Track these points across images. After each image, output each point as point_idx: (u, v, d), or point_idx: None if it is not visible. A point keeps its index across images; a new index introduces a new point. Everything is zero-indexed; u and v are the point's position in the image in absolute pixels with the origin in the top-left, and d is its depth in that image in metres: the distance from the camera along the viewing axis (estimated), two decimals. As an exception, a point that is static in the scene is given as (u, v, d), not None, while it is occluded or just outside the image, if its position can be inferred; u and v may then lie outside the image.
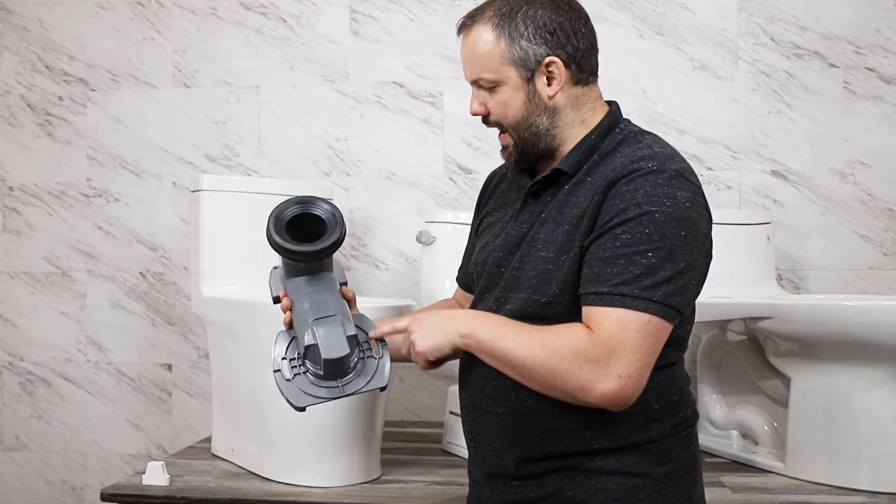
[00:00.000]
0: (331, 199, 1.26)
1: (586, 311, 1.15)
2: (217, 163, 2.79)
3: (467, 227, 2.15)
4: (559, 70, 1.25)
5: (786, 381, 2.02)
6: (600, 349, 1.11)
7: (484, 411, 1.27)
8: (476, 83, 1.29)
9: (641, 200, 1.15)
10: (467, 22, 1.28)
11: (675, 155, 1.23)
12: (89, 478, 2.82)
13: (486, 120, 1.31)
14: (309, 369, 1.21)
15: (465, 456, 1.38)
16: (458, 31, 1.30)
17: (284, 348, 1.24)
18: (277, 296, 1.30)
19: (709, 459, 2.18)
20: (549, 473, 1.22)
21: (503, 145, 1.32)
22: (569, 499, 1.21)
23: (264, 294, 2.14)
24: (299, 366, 1.22)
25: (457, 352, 1.22)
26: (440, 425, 2.41)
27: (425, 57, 2.70)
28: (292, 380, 1.21)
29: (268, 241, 1.21)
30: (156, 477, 1.91)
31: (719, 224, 2.25)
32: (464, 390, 1.32)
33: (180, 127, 2.80)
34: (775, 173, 2.57)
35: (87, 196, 2.84)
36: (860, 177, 2.53)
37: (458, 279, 1.52)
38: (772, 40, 2.58)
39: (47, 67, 2.86)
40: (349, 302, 1.31)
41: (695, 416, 1.28)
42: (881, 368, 1.84)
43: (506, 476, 1.26)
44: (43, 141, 2.87)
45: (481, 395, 1.27)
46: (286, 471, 1.93)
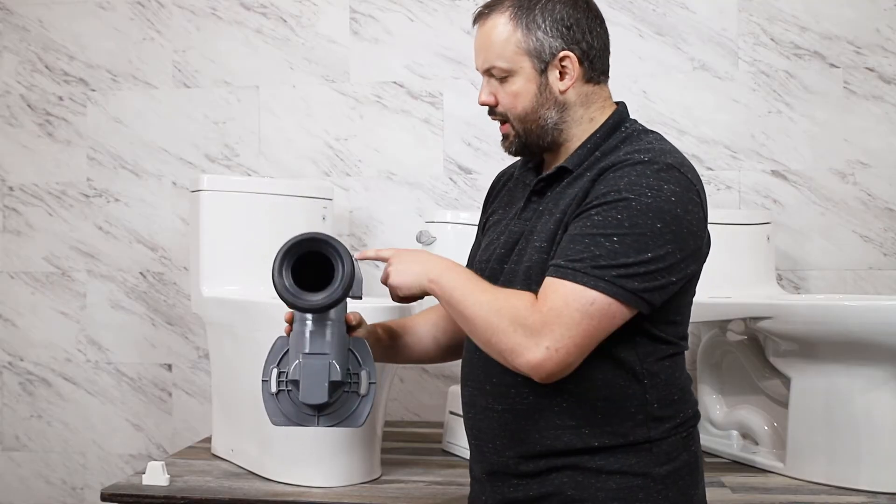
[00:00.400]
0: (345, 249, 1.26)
1: (544, 282, 1.17)
2: (217, 163, 2.79)
3: (467, 226, 2.15)
4: (573, 65, 1.26)
5: (786, 381, 2.02)
6: (536, 318, 1.12)
7: (484, 408, 1.27)
8: (488, 72, 1.29)
9: (623, 187, 1.16)
10: (484, 11, 1.29)
11: (675, 151, 1.23)
12: (89, 478, 2.82)
13: (492, 111, 1.31)
14: (292, 389, 1.24)
15: (466, 456, 1.39)
16: (474, 21, 1.30)
17: (278, 358, 1.26)
18: None
19: (709, 459, 2.17)
20: (549, 472, 1.22)
21: (504, 134, 1.32)
22: (569, 498, 1.21)
23: (264, 294, 2.15)
24: (285, 381, 1.24)
25: (426, 294, 1.25)
26: (440, 425, 2.41)
27: (425, 57, 2.70)
28: (276, 395, 1.25)
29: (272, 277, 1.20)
30: (156, 477, 1.91)
31: (719, 224, 2.27)
32: (465, 387, 1.32)
33: (180, 127, 2.80)
34: (775, 173, 2.57)
35: (87, 196, 2.84)
36: (860, 177, 2.53)
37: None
38: (772, 40, 2.58)
39: (47, 67, 2.86)
40: (355, 327, 1.31)
41: (696, 417, 1.28)
42: (881, 368, 1.84)
43: (506, 474, 1.26)
44: (43, 141, 2.87)
45: (482, 393, 1.27)
46: (286, 471, 1.93)
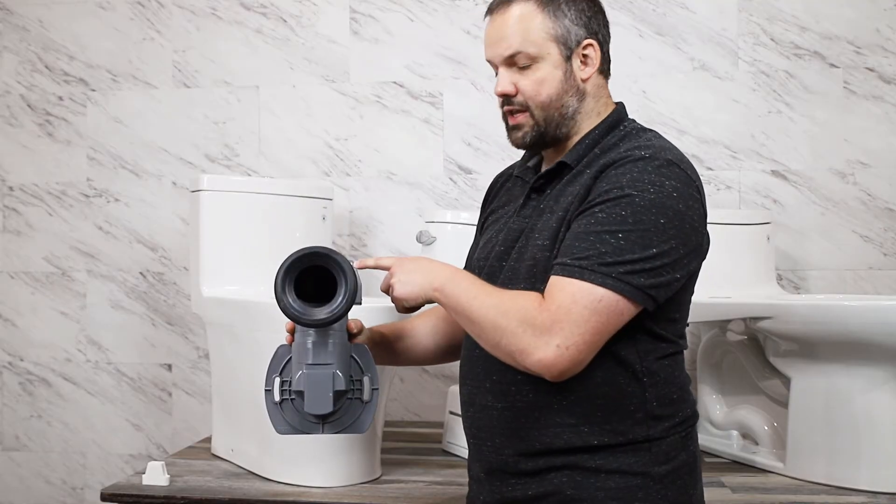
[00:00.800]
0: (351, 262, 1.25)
1: (549, 280, 1.17)
2: (217, 163, 2.79)
3: (467, 226, 2.15)
4: (595, 53, 1.28)
5: (786, 381, 2.02)
6: (546, 317, 1.12)
7: (484, 406, 1.27)
8: (511, 59, 1.27)
9: (625, 184, 1.17)
10: (504, 0, 1.28)
11: (674, 148, 1.24)
12: (89, 478, 2.82)
13: (508, 101, 1.29)
14: (296, 398, 1.25)
15: (465, 456, 1.38)
16: (491, 10, 1.29)
17: (280, 367, 1.27)
18: None
19: (709, 459, 2.18)
20: (548, 471, 1.22)
21: (516, 125, 1.30)
22: (568, 497, 1.20)
23: (264, 294, 2.15)
24: (289, 391, 1.25)
25: (430, 302, 1.25)
26: (440, 425, 2.41)
27: (425, 57, 2.70)
28: (280, 404, 1.26)
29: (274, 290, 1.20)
30: (156, 477, 1.91)
31: (719, 224, 2.27)
32: (464, 386, 1.32)
33: (180, 127, 2.80)
34: (775, 173, 2.57)
35: (87, 196, 2.84)
36: (860, 177, 2.53)
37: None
38: (772, 40, 2.58)
39: (47, 67, 2.86)
40: (356, 334, 1.32)
41: (695, 417, 1.28)
42: (881, 368, 1.84)
43: (505, 472, 1.26)
44: (43, 141, 2.87)
45: (481, 391, 1.27)
46: (286, 471, 1.93)
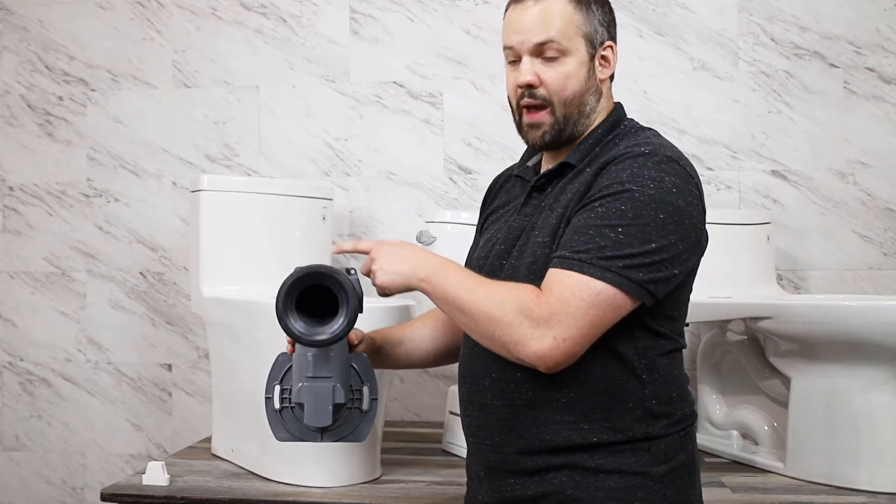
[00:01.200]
0: (352, 274, 1.25)
1: (548, 273, 1.17)
2: (217, 163, 2.78)
3: (467, 226, 2.15)
4: (613, 57, 1.30)
5: (786, 381, 2.02)
6: (543, 309, 1.12)
7: (483, 405, 1.27)
8: (540, 48, 1.26)
9: (625, 179, 1.17)
10: None
11: (673, 146, 1.25)
12: (89, 478, 2.82)
13: (531, 93, 1.27)
14: (296, 406, 1.26)
15: (465, 455, 1.38)
16: None
17: (281, 375, 1.28)
18: None
19: (709, 459, 2.17)
20: (547, 471, 1.22)
21: (535, 123, 1.28)
22: (567, 497, 1.20)
23: (264, 294, 2.15)
24: (289, 399, 1.26)
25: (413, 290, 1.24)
26: (440, 425, 2.41)
27: (425, 57, 2.70)
28: (279, 412, 1.27)
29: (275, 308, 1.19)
30: (156, 477, 1.91)
31: (719, 224, 2.28)
32: (463, 385, 1.32)
33: (180, 127, 2.80)
34: (775, 173, 2.57)
35: (87, 196, 2.84)
36: (860, 177, 2.53)
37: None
38: (772, 40, 2.58)
39: (47, 67, 2.86)
40: (356, 344, 1.32)
41: (693, 416, 1.28)
42: (881, 368, 1.84)
43: (504, 471, 1.25)
44: (43, 141, 2.87)
45: (480, 389, 1.27)
46: (286, 471, 1.93)
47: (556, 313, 1.12)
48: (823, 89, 2.55)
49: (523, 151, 1.45)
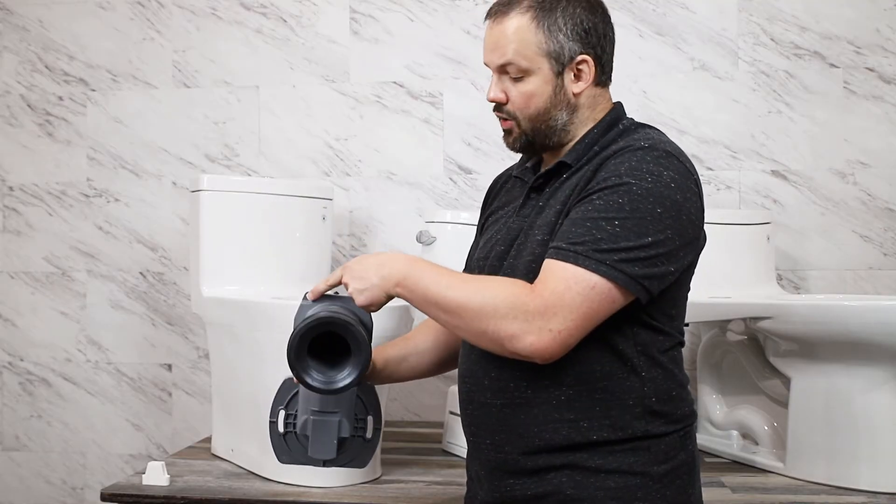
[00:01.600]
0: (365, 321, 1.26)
1: (543, 264, 1.17)
2: (217, 163, 2.79)
3: (467, 226, 2.15)
4: (589, 69, 1.28)
5: (786, 381, 2.02)
6: (539, 302, 1.12)
7: (483, 404, 1.27)
8: (503, 69, 1.28)
9: (623, 172, 1.17)
10: (503, 8, 1.27)
11: (673, 143, 1.25)
12: (89, 478, 2.82)
13: (498, 108, 1.31)
14: (300, 434, 1.27)
15: (465, 455, 1.38)
16: (490, 16, 1.29)
17: (286, 400, 1.28)
18: None
19: (709, 459, 2.18)
20: (547, 471, 1.22)
21: (506, 130, 1.32)
22: (567, 497, 1.20)
23: (264, 294, 2.15)
24: (293, 425, 1.25)
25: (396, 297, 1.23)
26: (440, 425, 2.41)
27: (425, 57, 2.70)
28: (283, 437, 1.26)
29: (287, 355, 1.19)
30: (156, 477, 1.91)
31: (719, 224, 2.28)
32: (462, 384, 1.32)
33: (180, 127, 2.80)
34: (775, 173, 2.57)
35: (87, 196, 2.84)
36: (860, 177, 2.53)
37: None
38: (772, 40, 2.58)
39: (47, 67, 2.86)
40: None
41: (693, 416, 1.28)
42: (881, 368, 1.84)
43: (504, 471, 1.25)
44: (43, 141, 2.87)
45: (480, 388, 1.27)
46: (286, 471, 1.92)
47: (551, 305, 1.12)
48: (823, 89, 2.55)
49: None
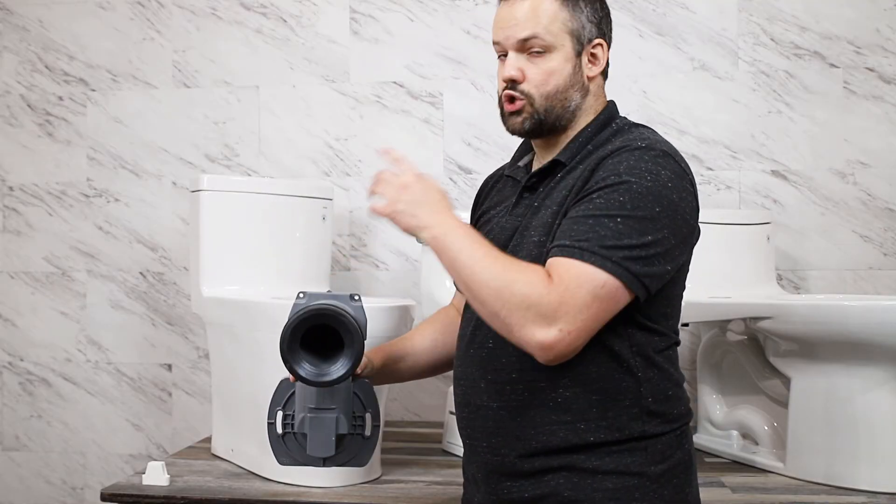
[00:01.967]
0: (357, 299, 1.26)
1: (549, 262, 1.16)
2: (217, 163, 2.79)
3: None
4: (603, 54, 1.30)
5: (786, 381, 2.02)
6: (552, 300, 1.11)
7: (479, 406, 1.27)
8: (524, 44, 1.28)
9: (623, 171, 1.18)
10: None
11: (667, 142, 1.26)
12: (89, 478, 2.82)
13: (513, 86, 1.29)
14: (298, 433, 1.27)
15: (462, 456, 1.38)
16: None
17: (283, 400, 1.28)
18: None
19: (709, 459, 2.17)
20: (544, 472, 1.22)
21: (515, 111, 1.29)
22: (565, 499, 1.20)
23: (264, 294, 2.15)
24: (291, 425, 1.27)
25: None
26: (440, 425, 2.41)
27: (425, 57, 2.70)
28: (282, 437, 1.28)
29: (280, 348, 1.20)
30: (156, 477, 1.91)
31: (719, 224, 2.28)
32: (458, 386, 1.32)
33: (180, 127, 2.80)
34: (775, 173, 2.57)
35: (87, 196, 2.84)
36: (860, 177, 2.53)
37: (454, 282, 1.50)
38: (772, 40, 2.58)
39: (47, 67, 2.86)
40: (358, 375, 1.32)
41: (689, 414, 1.28)
42: (881, 368, 1.84)
43: (501, 474, 1.25)
44: (43, 141, 2.87)
45: (476, 390, 1.27)
46: (286, 471, 1.92)
47: (563, 303, 1.11)
48: (823, 89, 2.55)
49: (515, 151, 1.45)
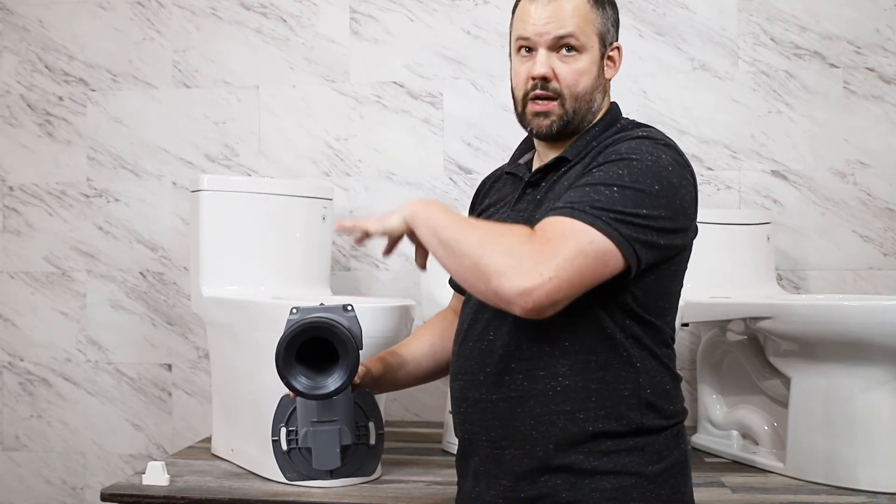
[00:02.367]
0: (349, 309, 1.26)
1: (542, 220, 1.16)
2: (217, 163, 2.79)
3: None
4: (620, 57, 1.34)
5: (786, 381, 2.02)
6: (534, 247, 1.10)
7: (477, 400, 1.27)
8: (558, 42, 1.27)
9: (624, 151, 1.20)
10: None
11: (669, 138, 1.27)
12: (89, 478, 2.82)
13: (544, 85, 1.28)
14: (303, 448, 1.27)
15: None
16: None
17: (286, 416, 1.28)
18: None
19: (709, 459, 2.17)
20: (542, 473, 1.22)
21: (544, 111, 1.29)
22: (563, 500, 1.20)
23: (264, 294, 2.15)
24: (295, 440, 1.27)
25: (410, 236, 1.21)
26: (440, 425, 2.41)
27: (425, 57, 2.70)
28: (288, 454, 1.28)
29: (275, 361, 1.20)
30: (156, 477, 1.91)
31: (719, 224, 2.28)
32: (455, 381, 1.32)
33: (180, 127, 2.80)
34: (775, 173, 2.57)
35: (87, 196, 2.84)
36: (860, 177, 2.53)
37: (450, 281, 1.48)
38: (772, 40, 2.58)
39: (47, 67, 2.86)
40: (358, 385, 1.31)
41: (684, 413, 1.29)
42: (881, 368, 1.84)
43: (500, 471, 1.25)
44: (43, 141, 2.87)
45: (474, 384, 1.27)
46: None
47: (545, 252, 1.10)
48: (823, 89, 2.55)
49: (514, 151, 1.45)
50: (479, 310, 1.28)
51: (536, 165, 1.36)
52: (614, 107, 1.36)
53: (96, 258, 2.83)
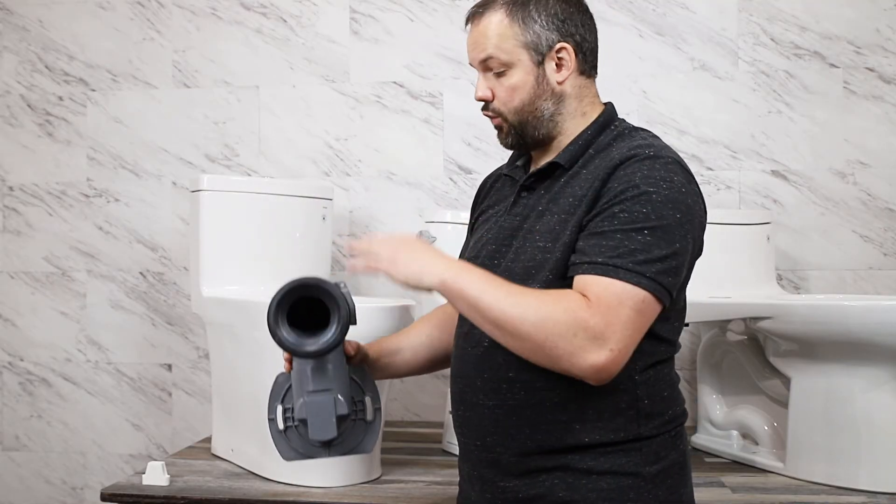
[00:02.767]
0: (341, 285, 1.25)
1: (579, 279, 1.15)
2: (217, 163, 2.79)
3: (467, 226, 2.15)
4: (569, 56, 1.29)
5: (786, 381, 2.02)
6: (598, 320, 1.10)
7: (474, 405, 1.27)
8: (485, 65, 1.29)
9: (640, 182, 1.17)
10: (478, 10, 1.30)
11: (670, 148, 1.26)
12: (89, 478, 2.82)
13: (486, 106, 1.32)
14: (299, 425, 1.26)
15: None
16: (468, 20, 1.31)
17: (281, 395, 1.28)
18: None
19: (709, 459, 2.18)
20: (539, 473, 1.22)
21: (497, 127, 1.33)
22: (560, 499, 1.20)
23: (264, 294, 2.15)
24: (292, 418, 1.26)
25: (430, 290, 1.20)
26: (440, 425, 2.41)
27: (425, 57, 2.70)
28: (284, 432, 1.27)
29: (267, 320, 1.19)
30: (156, 477, 1.91)
31: (719, 224, 2.28)
32: (455, 384, 1.32)
33: (180, 127, 2.80)
34: (775, 173, 2.57)
35: (87, 196, 2.84)
36: (860, 177, 2.53)
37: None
38: (772, 40, 2.58)
39: (47, 67, 2.86)
40: (353, 356, 1.32)
41: (684, 415, 1.28)
42: (881, 368, 1.84)
43: (496, 473, 1.25)
44: (43, 141, 2.87)
45: (472, 388, 1.27)
46: (286, 471, 1.93)
47: (609, 324, 1.11)
48: (823, 89, 2.55)
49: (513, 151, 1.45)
50: None
51: (533, 167, 1.36)
52: (608, 108, 1.34)
53: (96, 258, 2.83)
